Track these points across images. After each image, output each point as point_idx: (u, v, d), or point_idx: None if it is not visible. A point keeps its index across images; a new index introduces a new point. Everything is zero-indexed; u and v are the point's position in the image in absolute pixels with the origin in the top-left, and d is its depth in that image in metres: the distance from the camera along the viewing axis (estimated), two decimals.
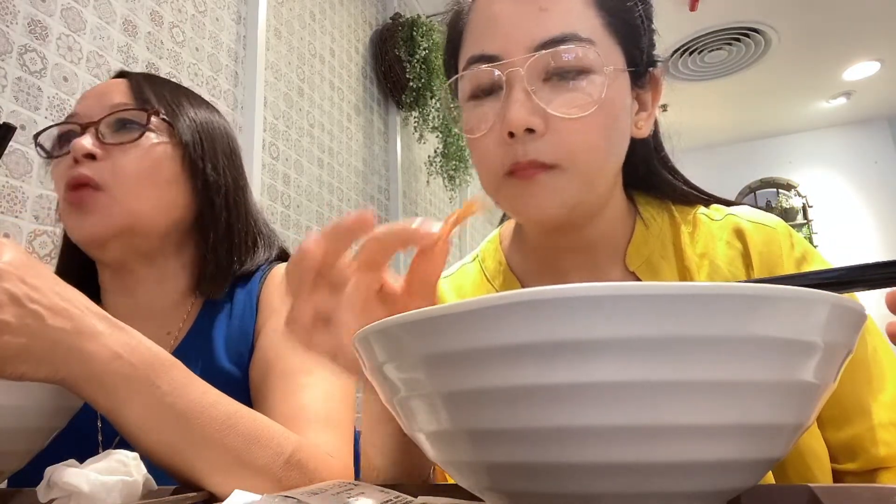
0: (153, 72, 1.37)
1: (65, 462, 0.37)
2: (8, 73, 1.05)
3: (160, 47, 1.40)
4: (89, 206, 0.64)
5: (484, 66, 0.52)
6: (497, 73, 0.52)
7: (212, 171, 0.72)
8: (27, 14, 1.09)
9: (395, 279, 0.41)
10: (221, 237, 0.72)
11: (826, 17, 3.16)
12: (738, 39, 3.35)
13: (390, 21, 2.58)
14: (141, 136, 0.67)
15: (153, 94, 0.71)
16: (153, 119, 0.69)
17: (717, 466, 0.22)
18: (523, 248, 0.65)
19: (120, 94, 0.70)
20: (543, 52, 0.50)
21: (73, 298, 0.46)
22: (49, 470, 0.37)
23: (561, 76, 0.51)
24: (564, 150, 0.50)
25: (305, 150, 1.96)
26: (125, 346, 0.46)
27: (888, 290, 0.33)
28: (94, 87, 0.73)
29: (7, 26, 1.05)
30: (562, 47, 0.50)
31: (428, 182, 2.95)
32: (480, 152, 0.54)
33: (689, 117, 4.16)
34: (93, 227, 0.65)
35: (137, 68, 1.33)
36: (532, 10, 0.52)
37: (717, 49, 3.43)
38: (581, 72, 0.51)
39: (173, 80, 1.42)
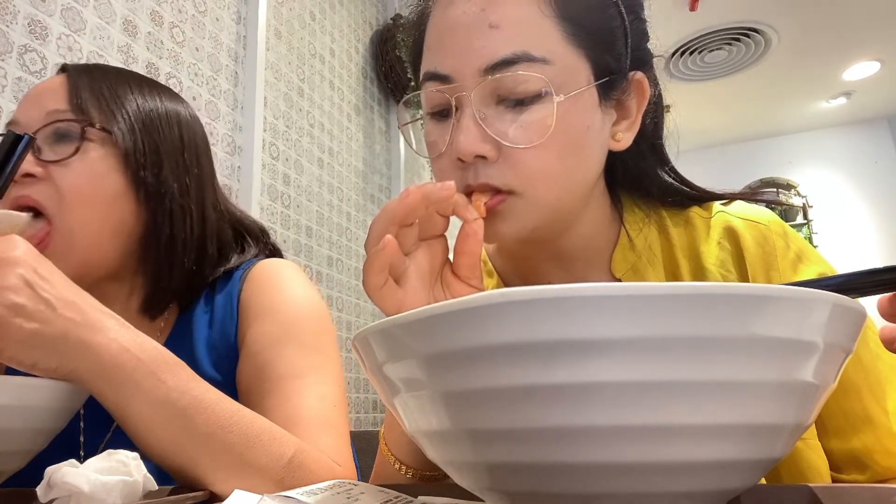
0: (153, 72, 1.37)
1: (65, 462, 0.37)
2: (8, 73, 1.05)
3: (160, 47, 1.40)
4: (42, 243, 0.59)
5: (434, 89, 0.51)
6: (448, 95, 0.50)
7: (152, 178, 0.65)
8: (27, 14, 1.09)
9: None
10: (163, 250, 0.66)
11: (826, 17, 3.16)
12: (738, 39, 3.34)
13: (391, 22, 2.58)
14: (77, 150, 0.62)
15: (90, 93, 0.65)
16: (88, 130, 0.63)
17: (717, 466, 0.22)
18: (502, 251, 0.63)
19: (55, 97, 0.64)
20: (491, 77, 0.47)
21: (82, 294, 0.48)
22: (49, 470, 0.37)
23: (512, 101, 0.48)
24: (518, 178, 0.48)
25: (305, 150, 1.96)
26: (132, 341, 0.47)
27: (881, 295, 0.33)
28: (34, 86, 0.67)
29: (7, 26, 1.05)
30: (511, 72, 0.47)
31: (431, 179, 2.94)
32: (437, 172, 0.53)
33: (689, 117, 4.16)
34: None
35: (137, 68, 1.32)
36: (482, 25, 0.48)
37: (717, 49, 3.43)
38: (534, 97, 0.48)
39: (173, 80, 1.43)
